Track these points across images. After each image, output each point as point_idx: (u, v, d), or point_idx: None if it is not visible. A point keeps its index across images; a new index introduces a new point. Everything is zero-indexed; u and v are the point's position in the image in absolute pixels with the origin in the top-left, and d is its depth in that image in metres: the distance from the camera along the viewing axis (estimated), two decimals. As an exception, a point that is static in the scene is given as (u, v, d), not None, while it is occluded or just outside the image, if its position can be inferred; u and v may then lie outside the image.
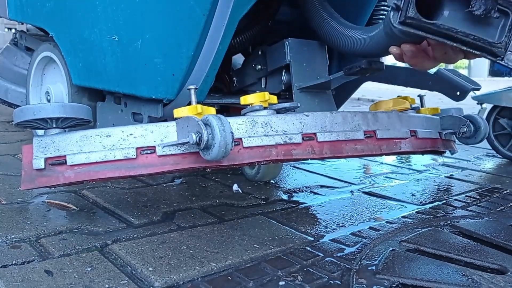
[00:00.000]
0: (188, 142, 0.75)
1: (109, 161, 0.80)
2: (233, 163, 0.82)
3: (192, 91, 0.85)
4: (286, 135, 0.85)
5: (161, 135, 0.81)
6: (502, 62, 0.70)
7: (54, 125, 0.82)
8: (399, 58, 0.80)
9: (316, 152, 0.87)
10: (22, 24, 1.99)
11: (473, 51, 0.71)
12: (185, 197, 1.15)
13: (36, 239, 0.84)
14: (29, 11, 1.41)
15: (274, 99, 0.89)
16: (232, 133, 0.73)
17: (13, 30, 2.23)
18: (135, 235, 0.88)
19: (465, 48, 0.70)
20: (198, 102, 0.86)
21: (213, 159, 0.74)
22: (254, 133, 0.83)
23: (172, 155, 0.80)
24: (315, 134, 0.88)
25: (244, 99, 0.88)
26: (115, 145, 0.80)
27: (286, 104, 0.90)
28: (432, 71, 1.57)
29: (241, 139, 0.82)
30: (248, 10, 0.95)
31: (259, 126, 0.84)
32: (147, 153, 0.80)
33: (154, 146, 0.80)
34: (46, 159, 0.81)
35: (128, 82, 1.07)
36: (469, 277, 0.75)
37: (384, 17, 1.24)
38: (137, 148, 0.80)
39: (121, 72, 1.09)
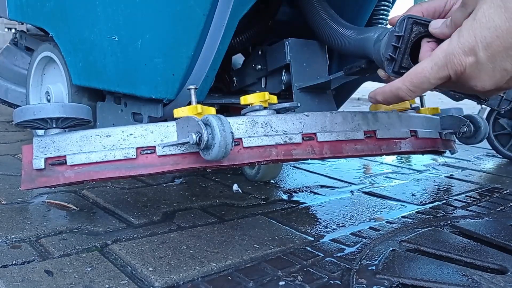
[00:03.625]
0: (188, 142, 0.75)
1: (109, 161, 0.80)
2: (233, 163, 0.82)
3: (192, 91, 0.85)
4: (286, 135, 0.85)
5: (161, 135, 0.81)
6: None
7: (54, 125, 0.82)
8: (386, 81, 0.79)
9: (316, 152, 0.87)
10: (22, 24, 1.99)
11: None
12: (185, 197, 1.15)
13: (36, 239, 0.84)
14: (29, 11, 1.41)
15: (274, 99, 0.89)
16: (232, 133, 0.73)
17: (13, 30, 2.23)
18: (135, 235, 0.88)
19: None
20: (198, 102, 0.86)
21: (213, 159, 0.74)
22: (254, 133, 0.83)
23: (172, 155, 0.80)
24: (315, 134, 0.88)
25: (244, 99, 0.88)
26: (115, 145, 0.80)
27: (286, 104, 0.90)
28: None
29: (241, 139, 0.82)
30: (248, 10, 0.95)
31: (259, 126, 0.84)
32: (147, 153, 0.80)
33: (154, 146, 0.80)
34: (46, 159, 0.81)
35: (128, 82, 1.07)
36: (469, 277, 0.75)
37: (383, 17, 1.24)
38: (137, 148, 0.80)
39: (121, 72, 1.09)
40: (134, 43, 1.01)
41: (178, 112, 0.83)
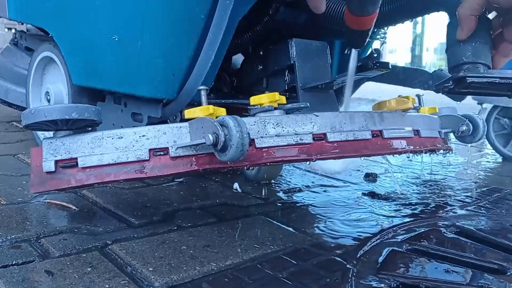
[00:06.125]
0: (204, 143, 0.74)
1: (122, 163, 0.79)
2: (245, 163, 0.82)
3: (203, 92, 0.84)
4: (297, 136, 0.85)
5: (174, 136, 0.80)
6: None
7: (64, 127, 0.81)
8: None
9: (326, 152, 0.87)
10: (22, 24, 1.99)
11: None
12: (185, 197, 1.15)
13: (36, 239, 0.84)
14: (29, 11, 1.41)
15: (283, 99, 0.89)
16: (248, 133, 0.72)
17: (13, 30, 2.23)
18: (135, 235, 0.88)
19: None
20: (195, 102, 0.86)
21: (229, 160, 0.73)
22: (266, 134, 0.83)
23: (185, 156, 0.79)
24: (325, 134, 0.88)
25: (254, 99, 0.88)
26: (128, 147, 0.79)
27: (295, 105, 0.89)
28: (431, 70, 1.57)
29: (253, 139, 0.81)
30: (248, 10, 0.95)
31: (271, 126, 0.83)
32: (160, 155, 0.79)
33: (167, 148, 0.79)
34: (56, 162, 0.80)
35: (128, 82, 1.07)
36: (470, 277, 0.75)
37: None
38: (150, 150, 0.79)
39: (121, 72, 1.09)
40: (134, 43, 1.01)
41: (190, 113, 0.83)
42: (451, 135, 1.23)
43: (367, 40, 1.00)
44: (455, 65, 0.84)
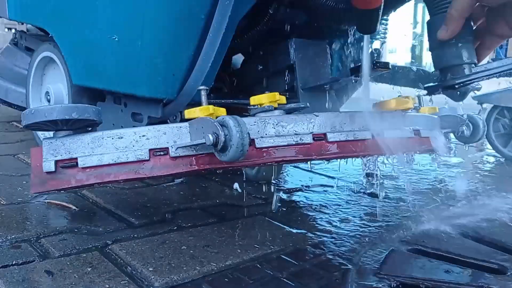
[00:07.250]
0: (204, 143, 0.74)
1: (122, 163, 0.79)
2: (245, 163, 0.82)
3: (203, 92, 0.84)
4: (297, 135, 0.85)
5: (174, 137, 0.80)
6: None
7: (64, 127, 0.81)
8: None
9: (326, 152, 0.87)
10: (22, 24, 1.99)
11: None
12: (185, 197, 1.15)
13: (36, 239, 0.84)
14: (29, 11, 1.41)
15: (283, 99, 0.89)
16: (248, 133, 0.72)
17: (13, 30, 2.23)
18: (135, 235, 0.88)
19: None
20: (195, 102, 0.86)
21: (229, 160, 0.73)
22: (266, 134, 0.83)
23: (185, 156, 0.79)
24: (325, 134, 0.87)
25: (254, 100, 0.88)
26: (128, 147, 0.79)
27: (295, 105, 0.89)
28: (431, 70, 1.57)
29: (253, 139, 0.81)
30: (248, 10, 0.95)
31: (270, 126, 0.83)
32: (160, 155, 0.79)
33: (167, 148, 0.79)
34: (56, 162, 0.80)
35: (128, 82, 1.07)
36: (470, 277, 0.75)
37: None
38: (150, 150, 0.79)
39: (121, 72, 1.09)
40: (134, 43, 1.01)
41: (190, 113, 0.82)
42: (451, 135, 1.23)
43: (378, 24, 0.91)
44: (441, 67, 0.85)
